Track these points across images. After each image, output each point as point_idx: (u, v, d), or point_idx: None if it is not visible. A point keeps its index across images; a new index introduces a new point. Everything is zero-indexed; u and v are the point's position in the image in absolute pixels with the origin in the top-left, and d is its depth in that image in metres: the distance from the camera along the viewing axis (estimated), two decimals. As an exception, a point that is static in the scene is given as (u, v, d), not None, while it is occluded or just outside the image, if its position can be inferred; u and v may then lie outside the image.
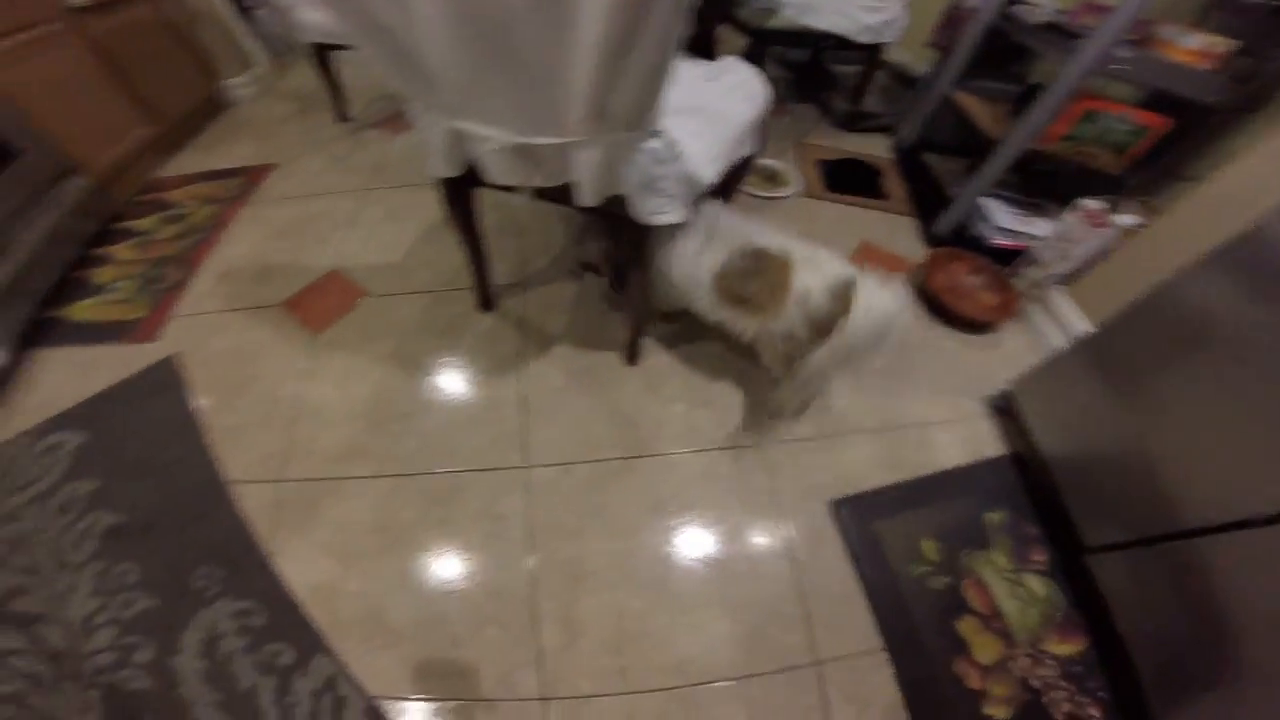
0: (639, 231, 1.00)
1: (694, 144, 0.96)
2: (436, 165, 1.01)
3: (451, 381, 1.35)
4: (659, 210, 0.95)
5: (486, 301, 1.47)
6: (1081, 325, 1.39)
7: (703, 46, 1.36)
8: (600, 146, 0.84)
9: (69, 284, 1.59)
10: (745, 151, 1.27)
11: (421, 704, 0.94)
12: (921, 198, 1.95)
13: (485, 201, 1.19)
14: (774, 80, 2.01)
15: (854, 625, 1.03)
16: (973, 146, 1.68)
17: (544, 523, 1.12)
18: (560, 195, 0.99)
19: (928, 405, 1.34)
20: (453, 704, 0.94)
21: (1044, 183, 1.65)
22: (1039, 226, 1.60)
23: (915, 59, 2.53)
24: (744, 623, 1.01)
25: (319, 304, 1.51)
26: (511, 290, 1.55)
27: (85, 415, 1.30)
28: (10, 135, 1.49)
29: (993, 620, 1.05)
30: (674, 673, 0.96)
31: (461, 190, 1.15)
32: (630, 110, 0.78)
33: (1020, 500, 1.19)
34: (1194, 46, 1.31)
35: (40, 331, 1.46)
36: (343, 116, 2.26)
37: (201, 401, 1.31)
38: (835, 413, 1.31)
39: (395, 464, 1.20)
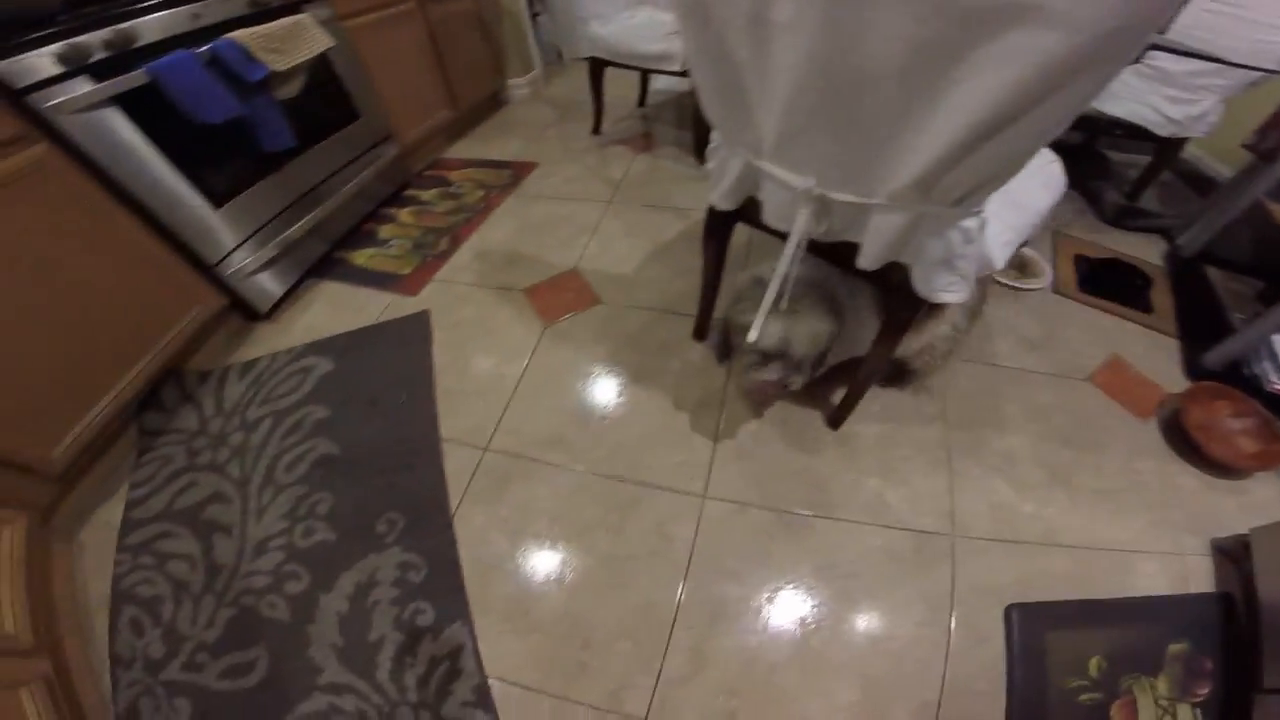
0: (911, 305, 0.94)
1: (996, 228, 0.89)
2: (719, 193, 1.02)
3: (656, 399, 1.37)
4: (947, 288, 0.87)
5: (702, 331, 1.48)
6: None
7: None
8: (908, 215, 0.78)
9: (357, 233, 1.87)
10: (1028, 238, 1.17)
11: (529, 694, 0.95)
12: (1193, 319, 1.64)
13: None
14: None
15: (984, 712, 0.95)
16: (1276, 272, 1.41)
17: (706, 555, 1.10)
18: (833, 251, 0.95)
19: (1142, 534, 1.19)
20: (555, 702, 0.94)
21: None
22: None
23: (1216, 159, 2.17)
24: (872, 698, 0.96)
25: (554, 298, 1.62)
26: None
27: (340, 346, 1.49)
28: (359, 99, 1.78)
29: None
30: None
31: (728, 223, 1.16)
32: (963, 190, 0.71)
33: (1209, 635, 1.09)
34: None
35: (325, 265, 1.72)
36: (597, 129, 2.45)
37: (439, 359, 1.45)
38: (1042, 522, 1.19)
39: (588, 462, 1.23)
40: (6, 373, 1.05)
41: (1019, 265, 1.79)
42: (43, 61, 1.06)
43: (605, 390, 1.38)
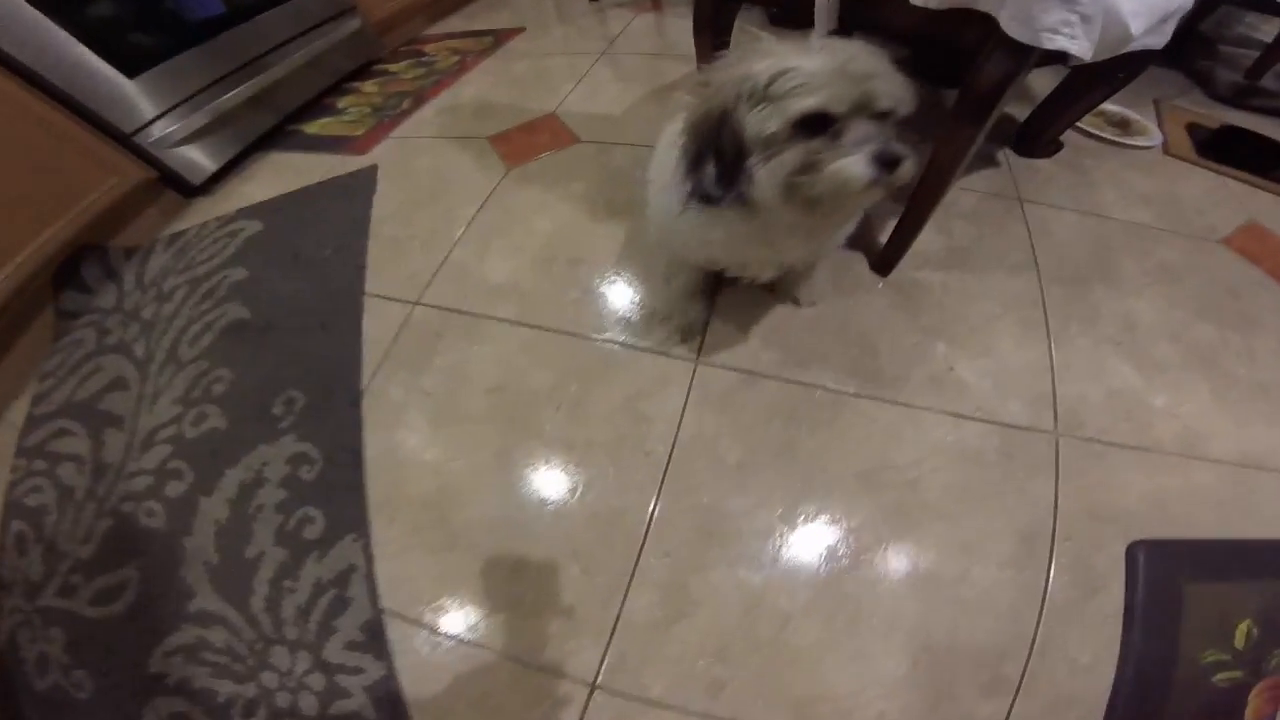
0: (1003, 64, 0.61)
1: None
2: None
3: (638, 238, 1.08)
4: (1062, 27, 0.55)
5: None
6: None
7: None
8: None
9: (314, 106, 1.64)
10: (1155, 42, 0.81)
11: (434, 637, 0.69)
12: None
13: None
14: None
15: (1083, 691, 0.67)
16: None
17: (697, 445, 0.80)
18: (869, 13, 0.66)
19: None
20: (469, 650, 0.67)
21: None
22: None
23: None
24: (929, 669, 0.66)
25: (525, 140, 1.39)
26: None
27: (272, 208, 1.28)
28: None
29: None
30: (790, 710, 0.63)
31: (724, 7, 0.87)
32: None
33: None
34: None
35: (274, 138, 1.51)
36: None
37: (380, 210, 1.21)
38: (1179, 421, 0.85)
39: (545, 314, 0.96)
40: None
41: (1120, 123, 1.45)
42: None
43: (579, 230, 1.11)
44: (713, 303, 0.95)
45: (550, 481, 0.78)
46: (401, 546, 0.75)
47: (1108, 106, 1.43)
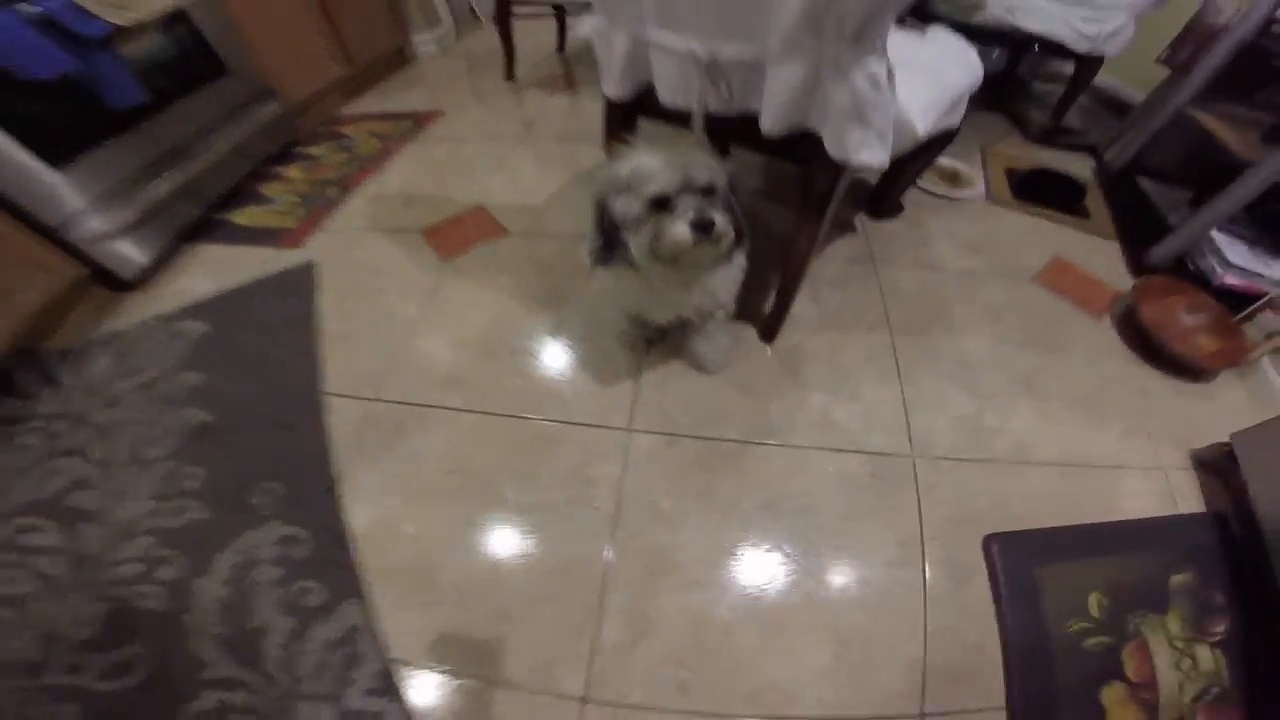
0: (827, 172, 0.83)
1: (907, 92, 0.84)
2: (610, 82, 0.95)
3: (568, 325, 1.24)
4: (863, 145, 0.77)
5: None
6: None
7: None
8: (804, 64, 0.72)
9: (240, 192, 1.68)
10: (951, 123, 1.09)
11: (440, 677, 0.81)
12: (1131, 223, 1.65)
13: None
14: None
15: (978, 680, 0.84)
16: (1205, 174, 1.42)
17: (636, 498, 0.97)
18: (733, 129, 0.87)
19: (1119, 446, 1.11)
20: (474, 684, 0.80)
21: None
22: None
23: (1127, 80, 2.22)
24: (848, 658, 0.84)
25: (455, 234, 1.49)
26: None
27: (216, 307, 1.33)
28: (225, 53, 1.61)
29: (1142, 690, 0.92)
30: (745, 700, 0.80)
31: (627, 117, 1.05)
32: (859, 19, 0.64)
33: (1214, 563, 1.03)
34: None
35: (203, 229, 1.55)
36: (510, 75, 2.30)
37: (324, 306, 1.30)
38: (1010, 436, 1.10)
39: (491, 400, 1.10)
40: None
41: (950, 176, 1.78)
42: None
43: (513, 321, 1.25)
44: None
45: (517, 540, 0.92)
46: (397, 605, 0.87)
47: (940, 161, 1.75)
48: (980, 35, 1.82)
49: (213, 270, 1.43)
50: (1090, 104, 2.27)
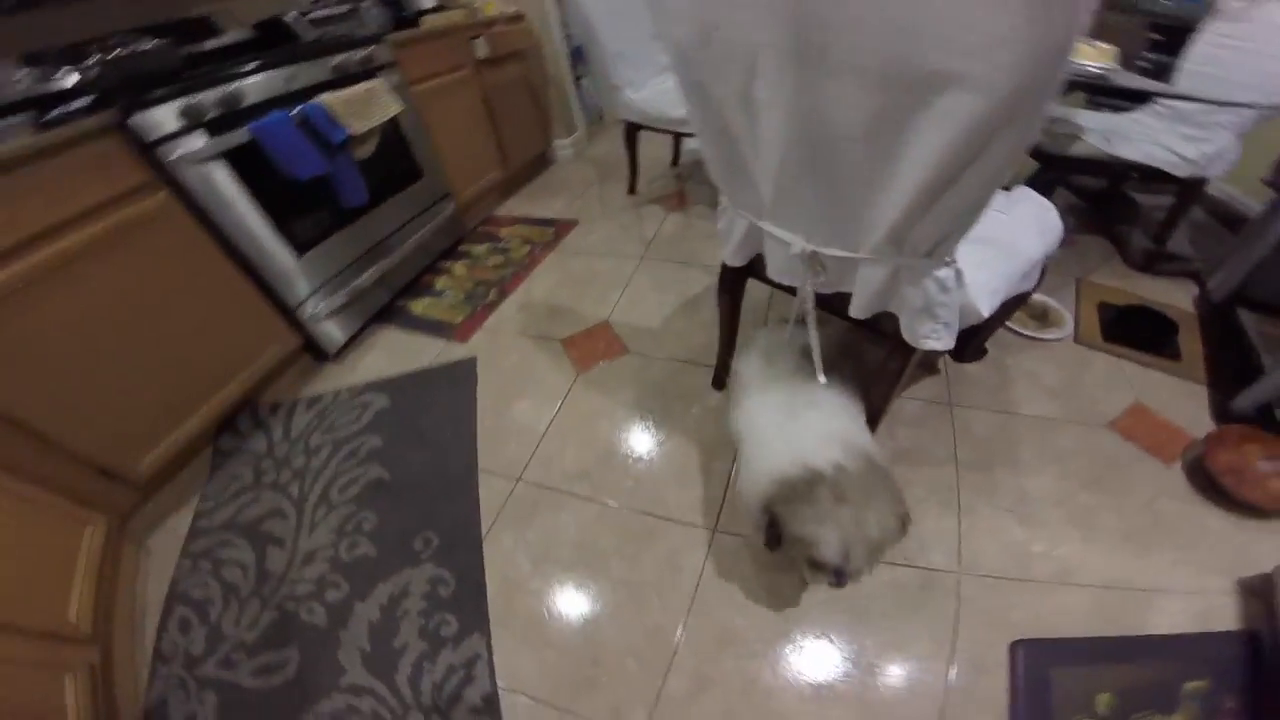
0: (902, 351, 1.03)
1: (978, 274, 0.98)
2: (728, 251, 1.15)
3: (676, 441, 1.47)
4: (930, 335, 0.95)
5: (721, 380, 1.58)
6: None
7: None
8: (887, 267, 0.89)
9: (416, 284, 2.08)
10: (1025, 287, 1.24)
11: (536, 704, 1.03)
12: (1224, 363, 1.61)
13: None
14: (1063, 207, 1.89)
15: None
16: None
17: (714, 585, 1.17)
18: (831, 302, 1.06)
19: (1166, 573, 1.18)
20: (562, 713, 1.01)
21: None
22: None
23: (1247, 194, 2.11)
24: None
25: (589, 347, 1.77)
26: None
27: (396, 386, 1.66)
28: (423, 160, 2.01)
29: None
30: None
31: (739, 278, 1.27)
32: (931, 242, 0.81)
33: (1231, 673, 1.05)
34: None
35: (387, 314, 1.93)
36: (632, 189, 2.64)
37: (482, 401, 1.60)
38: (1055, 561, 1.20)
39: (610, 494, 1.34)
40: (113, 392, 1.24)
41: (1040, 315, 1.80)
42: (167, 116, 1.26)
43: (630, 432, 1.50)
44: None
45: (615, 606, 1.14)
46: (514, 645, 1.10)
47: (1033, 297, 1.83)
48: (1080, 167, 1.88)
49: (393, 352, 1.79)
50: (1204, 220, 2.20)
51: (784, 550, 0.96)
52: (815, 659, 1.07)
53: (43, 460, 1.15)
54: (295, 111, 1.46)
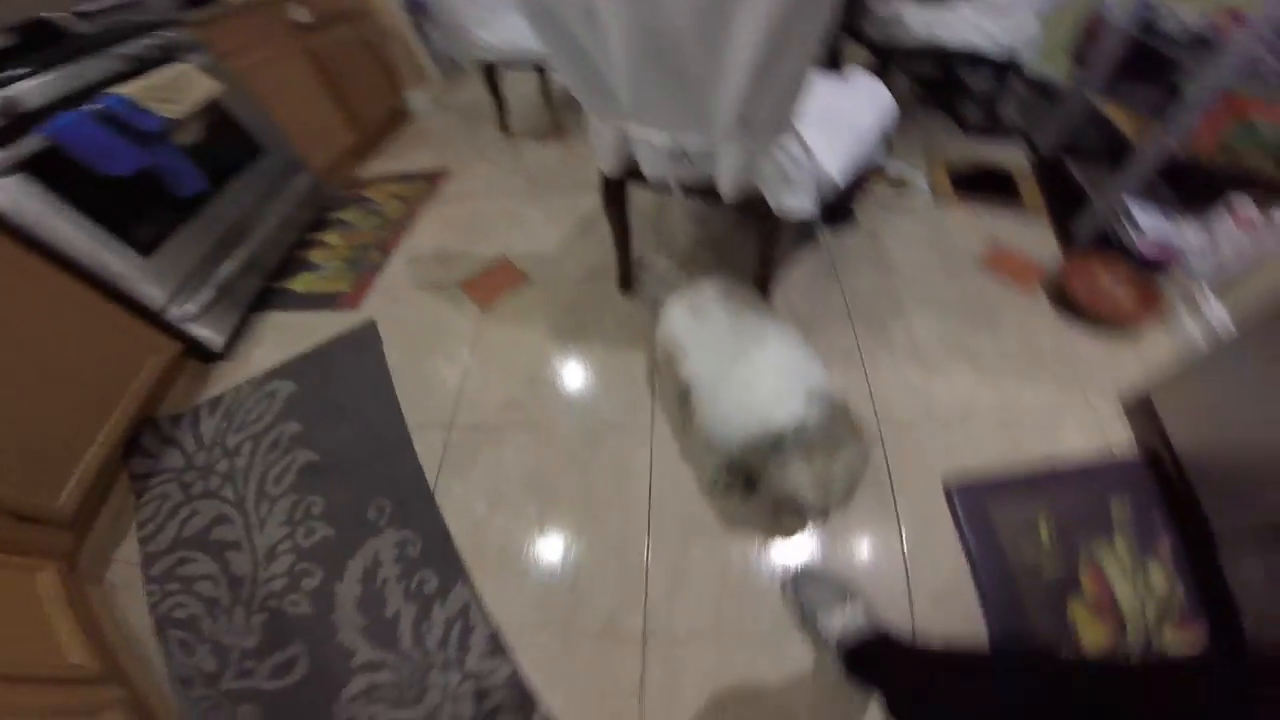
0: (774, 223, 1.13)
1: (826, 147, 1.09)
2: (604, 162, 1.21)
3: (595, 350, 1.53)
4: (792, 200, 1.06)
5: (626, 281, 1.66)
6: (1230, 328, 1.30)
7: (830, 61, 1.47)
8: (742, 147, 0.98)
9: (291, 262, 1.96)
10: (873, 157, 1.37)
11: (536, 634, 1.08)
12: (1060, 203, 1.90)
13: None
14: (903, 92, 2.05)
15: (957, 602, 1.07)
16: (1118, 153, 1.63)
17: (666, 476, 1.25)
18: (704, 191, 1.14)
19: (1056, 396, 1.35)
20: (563, 636, 1.08)
21: (1199, 189, 1.57)
22: (1190, 232, 1.53)
23: (1055, 69, 2.45)
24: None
25: (488, 284, 1.77)
26: (647, 272, 1.73)
27: (297, 368, 1.59)
28: (261, 135, 1.88)
29: (1105, 608, 1.05)
30: (768, 629, 1.05)
31: (619, 187, 1.34)
32: (771, 117, 0.91)
33: (1149, 493, 1.17)
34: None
35: (268, 299, 1.82)
36: (504, 128, 2.57)
37: (392, 359, 1.58)
38: (957, 397, 1.36)
39: (543, 418, 1.38)
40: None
41: (898, 183, 2.01)
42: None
43: (549, 354, 1.53)
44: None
45: (579, 524, 1.20)
46: (496, 585, 1.14)
47: (888, 170, 2.02)
48: (909, 54, 2.09)
49: (285, 335, 1.70)
50: (1027, 94, 2.50)
51: (756, 502, 1.04)
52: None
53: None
54: (96, 107, 1.34)
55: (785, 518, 1.07)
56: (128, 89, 1.41)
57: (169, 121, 1.47)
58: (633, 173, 1.23)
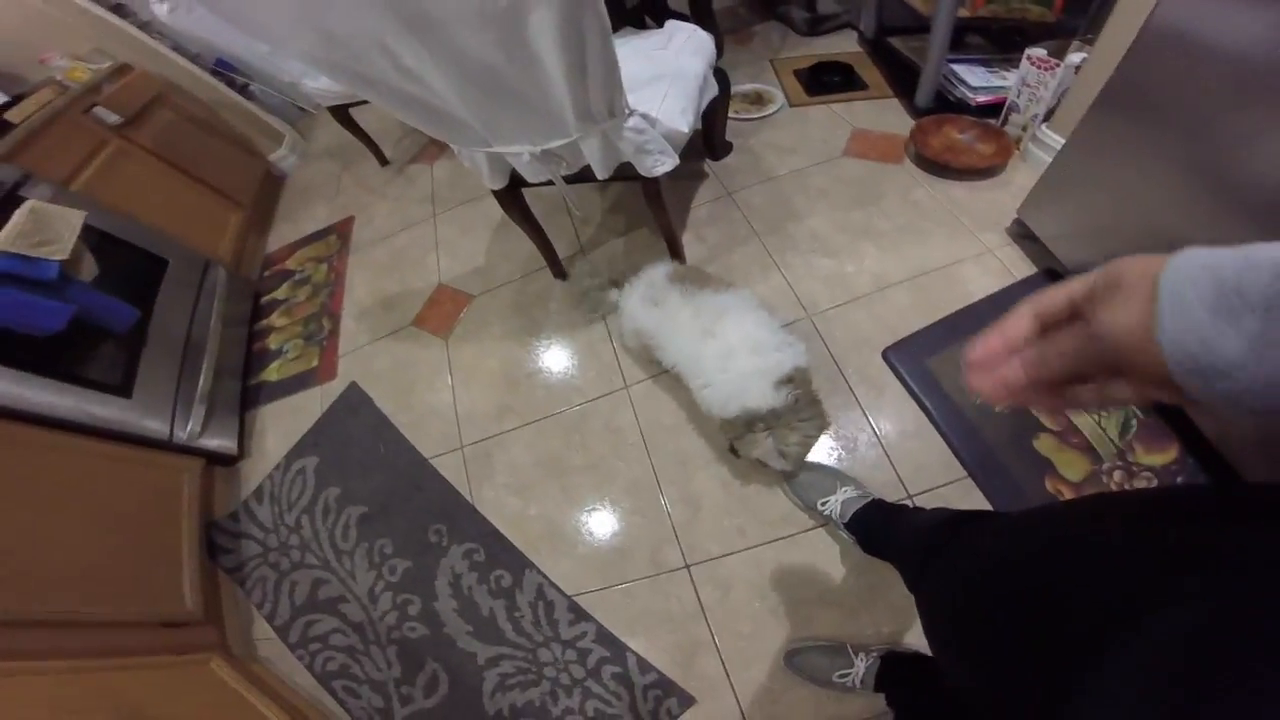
0: (650, 184, 1.34)
1: (664, 105, 1.23)
2: (488, 180, 1.35)
3: (554, 338, 1.74)
4: (656, 164, 1.22)
5: (559, 270, 1.84)
6: (1059, 143, 1.45)
7: (655, 16, 1.62)
8: (595, 135, 1.13)
9: (254, 356, 2.09)
10: (711, 94, 1.51)
11: (603, 592, 1.31)
12: (898, 79, 2.09)
13: (532, 196, 1.55)
14: (731, 9, 2.15)
15: (936, 460, 1.23)
16: (925, 24, 1.81)
17: (651, 425, 1.48)
18: (584, 176, 1.32)
19: (950, 246, 1.54)
20: (624, 587, 1.30)
21: (1002, 41, 1.83)
22: (1011, 78, 1.75)
23: None
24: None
25: (438, 314, 1.94)
26: (575, 257, 1.93)
27: (311, 443, 1.79)
28: (152, 245, 1.88)
29: (1070, 436, 1.11)
30: (783, 523, 1.26)
31: (512, 193, 1.48)
32: (604, 106, 1.05)
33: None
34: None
35: (253, 396, 1.98)
36: (382, 160, 2.59)
37: (385, 409, 1.77)
38: (868, 274, 1.56)
39: (534, 411, 1.61)
40: (114, 569, 1.37)
41: (754, 99, 2.18)
42: None
43: (516, 355, 1.74)
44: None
45: (595, 487, 1.44)
46: (555, 561, 1.37)
47: (742, 88, 2.18)
48: None
49: (284, 421, 1.88)
50: None
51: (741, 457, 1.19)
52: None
53: (120, 638, 1.29)
54: None
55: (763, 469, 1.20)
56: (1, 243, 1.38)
57: (63, 264, 1.47)
58: (516, 180, 1.37)
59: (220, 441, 1.80)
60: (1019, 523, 0.59)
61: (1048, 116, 1.65)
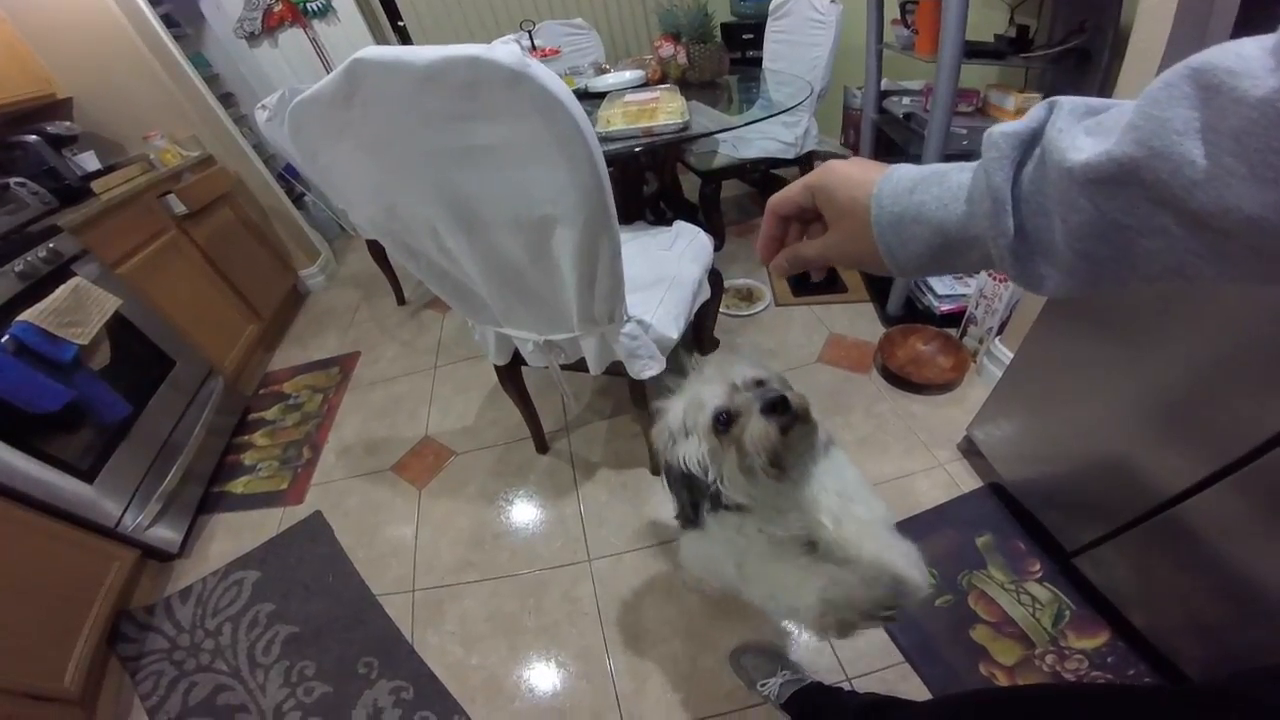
0: (637, 383, 1.58)
1: (660, 311, 1.49)
2: (492, 356, 1.65)
3: (527, 507, 1.99)
4: (644, 368, 1.45)
5: (543, 445, 2.15)
6: (1009, 359, 1.63)
7: (670, 192, 2.03)
8: (594, 336, 1.38)
9: (225, 466, 2.37)
10: (704, 297, 1.81)
11: None
12: (874, 282, 2.46)
13: (528, 370, 1.81)
14: (738, 199, 2.68)
15: (876, 647, 1.37)
16: None
17: (610, 598, 1.66)
18: (579, 366, 1.59)
19: (904, 460, 1.77)
20: None
21: None
22: (972, 285, 2.03)
23: (836, 149, 3.24)
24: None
25: (418, 465, 2.22)
26: (559, 433, 2.23)
27: (258, 558, 2.01)
28: (166, 344, 2.20)
29: (1005, 626, 1.23)
30: (726, 699, 1.39)
31: (511, 370, 1.81)
32: (606, 312, 1.28)
33: (1005, 522, 1.44)
34: (1011, 106, 1.80)
35: (211, 503, 2.22)
36: (400, 299, 3.06)
37: (345, 542, 2.02)
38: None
39: (495, 570, 1.82)
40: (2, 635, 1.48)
41: (746, 295, 2.61)
42: None
43: (487, 516, 2.00)
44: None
45: (544, 648, 1.57)
46: (489, 713, 1.47)
47: (735, 282, 2.57)
48: (727, 173, 2.82)
49: (236, 532, 2.11)
50: None
51: (706, 502, 1.02)
52: (711, 623, 1.51)
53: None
54: (6, 338, 1.57)
55: None
56: (33, 315, 1.63)
57: (81, 347, 1.70)
58: (518, 359, 1.64)
59: (164, 536, 2.01)
60: (936, 711, 0.67)
61: (1000, 329, 1.90)
